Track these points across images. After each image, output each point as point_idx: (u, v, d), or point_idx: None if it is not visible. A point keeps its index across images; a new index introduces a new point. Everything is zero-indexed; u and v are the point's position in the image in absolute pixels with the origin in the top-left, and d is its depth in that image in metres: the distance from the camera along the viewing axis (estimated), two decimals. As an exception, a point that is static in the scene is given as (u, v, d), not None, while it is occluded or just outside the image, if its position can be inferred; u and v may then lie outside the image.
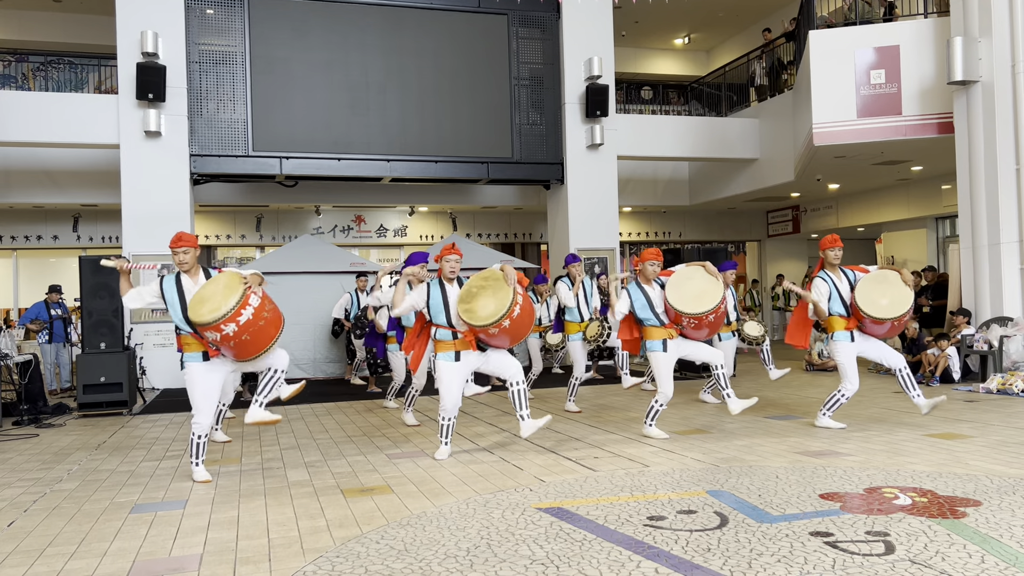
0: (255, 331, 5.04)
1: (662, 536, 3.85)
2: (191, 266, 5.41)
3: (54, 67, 14.71)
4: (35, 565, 3.74)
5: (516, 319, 5.63)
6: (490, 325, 5.59)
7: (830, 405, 6.75)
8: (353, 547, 3.85)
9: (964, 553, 3.48)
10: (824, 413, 6.79)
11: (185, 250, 5.36)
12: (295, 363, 12.33)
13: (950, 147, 10.89)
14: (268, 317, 5.13)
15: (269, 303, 5.21)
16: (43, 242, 16.02)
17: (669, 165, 17.46)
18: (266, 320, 5.11)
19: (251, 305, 5.03)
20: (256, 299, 5.08)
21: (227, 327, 4.95)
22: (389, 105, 12.97)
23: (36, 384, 8.97)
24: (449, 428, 5.97)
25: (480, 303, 5.70)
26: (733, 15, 18.07)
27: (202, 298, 5.10)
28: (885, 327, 6.48)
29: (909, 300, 6.39)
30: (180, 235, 5.40)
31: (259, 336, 5.09)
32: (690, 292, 6.29)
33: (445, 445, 6.00)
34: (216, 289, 5.14)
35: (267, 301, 5.20)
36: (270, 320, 5.15)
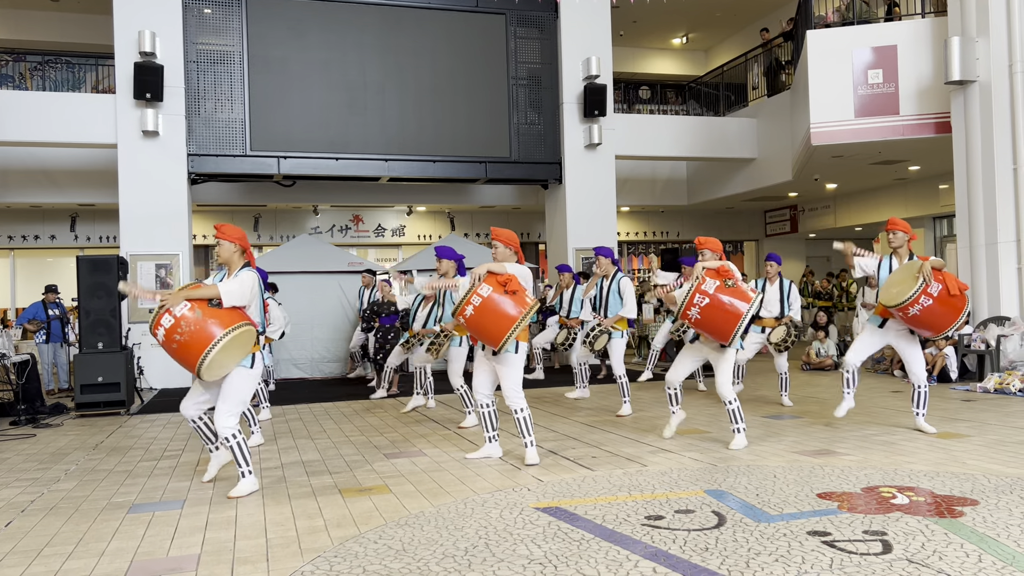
0: (172, 349, 4.72)
1: (660, 535, 3.85)
2: (226, 261, 5.09)
3: (52, 67, 14.69)
4: (33, 565, 3.74)
5: (470, 319, 5.35)
6: (453, 314, 5.53)
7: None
8: (351, 547, 3.84)
9: (961, 552, 3.48)
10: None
11: (219, 242, 5.10)
12: (293, 363, 12.34)
13: (947, 147, 10.91)
14: (182, 340, 4.65)
15: (189, 324, 4.65)
16: (40, 242, 16.00)
17: (667, 165, 17.48)
18: (179, 343, 4.66)
19: (162, 325, 4.68)
20: (169, 319, 4.67)
21: (155, 338, 4.78)
22: (387, 105, 12.97)
23: (33, 384, 8.96)
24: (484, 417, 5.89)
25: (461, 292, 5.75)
26: (731, 15, 18.09)
27: None
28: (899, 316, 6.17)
29: (911, 289, 6.07)
30: (217, 226, 5.19)
31: (179, 357, 4.73)
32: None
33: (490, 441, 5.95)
34: None
35: (184, 322, 4.66)
36: (185, 343, 4.65)
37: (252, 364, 4.98)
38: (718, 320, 5.74)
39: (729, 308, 5.70)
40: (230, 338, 4.69)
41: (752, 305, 5.71)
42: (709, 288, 5.77)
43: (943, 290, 5.97)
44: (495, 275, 5.41)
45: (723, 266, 5.91)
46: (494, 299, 5.32)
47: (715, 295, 5.74)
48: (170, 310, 4.68)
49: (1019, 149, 9.75)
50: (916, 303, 5.97)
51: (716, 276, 5.84)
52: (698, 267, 5.96)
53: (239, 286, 4.89)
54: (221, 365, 4.75)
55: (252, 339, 4.89)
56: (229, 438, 4.90)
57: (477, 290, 5.34)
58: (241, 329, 4.77)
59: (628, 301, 7.90)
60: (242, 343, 4.81)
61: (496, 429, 5.87)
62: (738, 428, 6.04)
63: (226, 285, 4.85)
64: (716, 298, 5.73)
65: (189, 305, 4.71)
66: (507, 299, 5.33)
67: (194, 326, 4.66)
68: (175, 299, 4.71)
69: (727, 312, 5.71)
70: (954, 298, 6.02)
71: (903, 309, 6.08)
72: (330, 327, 12.51)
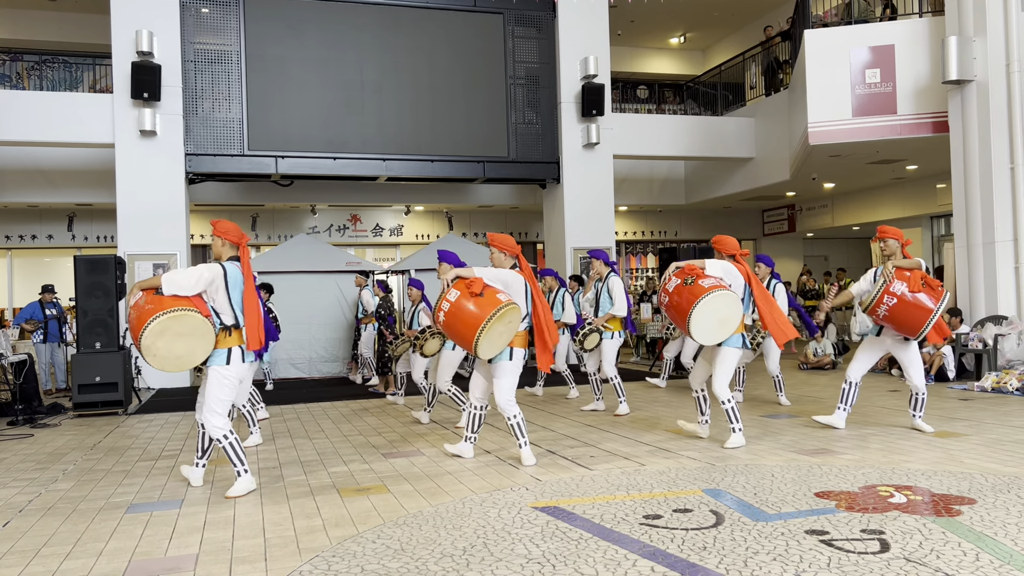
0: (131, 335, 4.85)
1: (658, 535, 3.86)
2: (217, 255, 5.15)
3: (49, 66, 14.67)
4: (31, 565, 3.73)
5: (443, 323, 5.44)
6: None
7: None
8: (349, 546, 3.84)
9: (959, 551, 3.49)
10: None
11: (214, 237, 5.17)
12: (292, 363, 12.33)
13: (945, 146, 10.92)
14: (130, 326, 4.85)
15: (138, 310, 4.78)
16: (38, 241, 15.98)
17: (665, 164, 17.49)
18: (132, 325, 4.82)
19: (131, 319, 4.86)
20: (132, 312, 4.86)
21: None
22: (385, 104, 12.97)
23: (31, 384, 8.95)
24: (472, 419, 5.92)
25: None
26: (728, 14, 18.10)
27: None
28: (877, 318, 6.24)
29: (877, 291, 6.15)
30: (212, 222, 5.23)
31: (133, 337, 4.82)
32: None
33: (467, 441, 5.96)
34: None
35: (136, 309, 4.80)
36: (131, 329, 4.82)
37: (228, 361, 4.95)
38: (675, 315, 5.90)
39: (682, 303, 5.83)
40: (162, 320, 4.64)
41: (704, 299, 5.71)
42: (670, 287, 5.94)
43: (906, 288, 6.05)
44: (463, 280, 5.45)
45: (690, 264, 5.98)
46: (461, 304, 5.35)
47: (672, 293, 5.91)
48: (129, 300, 4.91)
49: (1016, 148, 9.77)
50: (880, 304, 6.10)
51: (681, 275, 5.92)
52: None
53: (185, 274, 4.88)
54: (171, 352, 4.73)
55: (200, 326, 4.76)
56: (220, 439, 4.92)
57: (446, 296, 5.41)
58: (175, 313, 4.68)
59: (617, 299, 7.88)
60: (188, 329, 4.73)
61: (476, 433, 5.87)
62: (734, 428, 6.02)
63: (170, 274, 4.88)
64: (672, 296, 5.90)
65: (141, 295, 4.86)
66: (473, 302, 5.33)
67: (138, 312, 4.77)
68: (132, 291, 4.91)
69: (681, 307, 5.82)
70: (925, 291, 6.07)
71: (873, 311, 6.18)
72: (328, 327, 12.50)
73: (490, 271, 5.55)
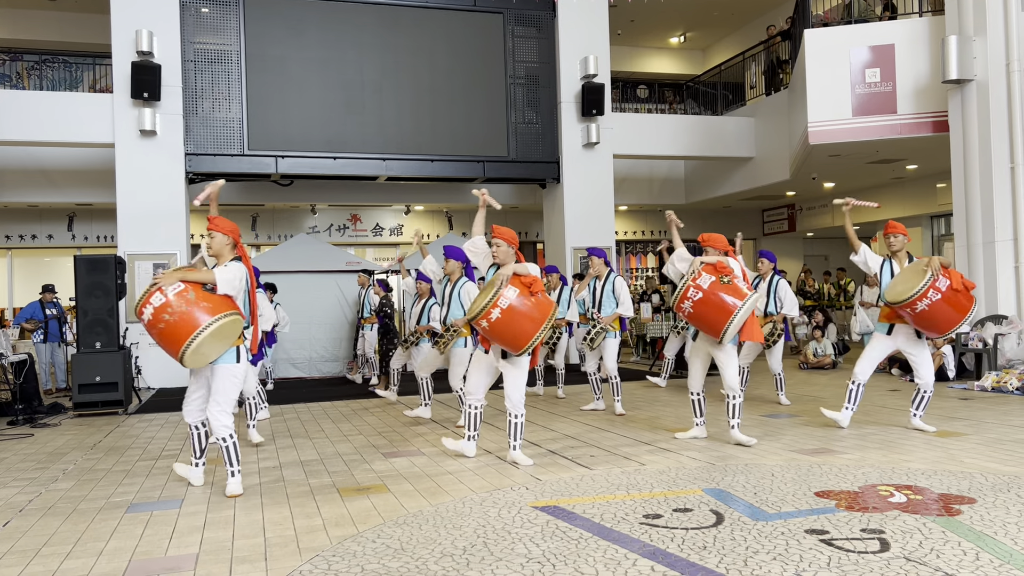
0: (156, 332, 4.63)
1: (658, 534, 3.86)
2: (216, 253, 5.01)
3: (49, 66, 14.67)
4: (31, 565, 3.73)
5: (495, 323, 5.19)
6: (470, 321, 5.38)
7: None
8: (349, 546, 3.84)
9: (959, 550, 3.49)
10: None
11: (211, 233, 5.01)
12: (291, 363, 12.33)
13: (945, 146, 10.92)
14: (170, 321, 4.55)
15: (183, 304, 4.59)
16: (38, 241, 15.98)
17: (665, 164, 17.49)
18: (167, 324, 4.55)
19: (151, 304, 4.57)
20: (160, 298, 4.59)
21: (141, 318, 4.65)
22: (385, 104, 12.96)
23: (31, 384, 8.95)
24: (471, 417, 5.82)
25: (481, 295, 5.45)
26: (728, 14, 18.10)
27: None
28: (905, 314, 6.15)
29: (917, 286, 6.00)
30: (210, 218, 5.08)
31: (162, 337, 4.63)
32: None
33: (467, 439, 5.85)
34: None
35: (178, 300, 4.59)
36: (172, 324, 4.55)
37: (238, 359, 4.94)
38: (711, 316, 5.74)
39: (722, 304, 5.68)
40: (218, 325, 4.61)
41: (746, 302, 5.67)
42: (704, 283, 5.74)
43: (950, 286, 5.98)
44: (520, 277, 5.30)
45: (721, 262, 5.87)
46: (522, 303, 5.20)
47: (709, 290, 5.71)
48: (162, 288, 4.61)
49: (1016, 148, 9.76)
50: (924, 297, 5.94)
51: (713, 272, 5.81)
52: (696, 261, 5.94)
53: (232, 275, 4.85)
54: (205, 354, 4.70)
55: (238, 330, 4.84)
56: (226, 437, 4.91)
57: (504, 292, 5.21)
58: (230, 318, 4.70)
59: (623, 300, 7.93)
60: (228, 332, 4.75)
61: (477, 430, 5.81)
62: (733, 423, 6.07)
63: (221, 272, 4.82)
64: (709, 294, 5.71)
65: (182, 286, 4.66)
66: (533, 303, 5.22)
67: (184, 307, 4.57)
68: (169, 278, 4.66)
69: (720, 308, 5.69)
70: (959, 294, 6.01)
71: (911, 304, 6.00)
72: (328, 327, 12.50)
73: (533, 267, 5.46)
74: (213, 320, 4.60)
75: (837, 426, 6.74)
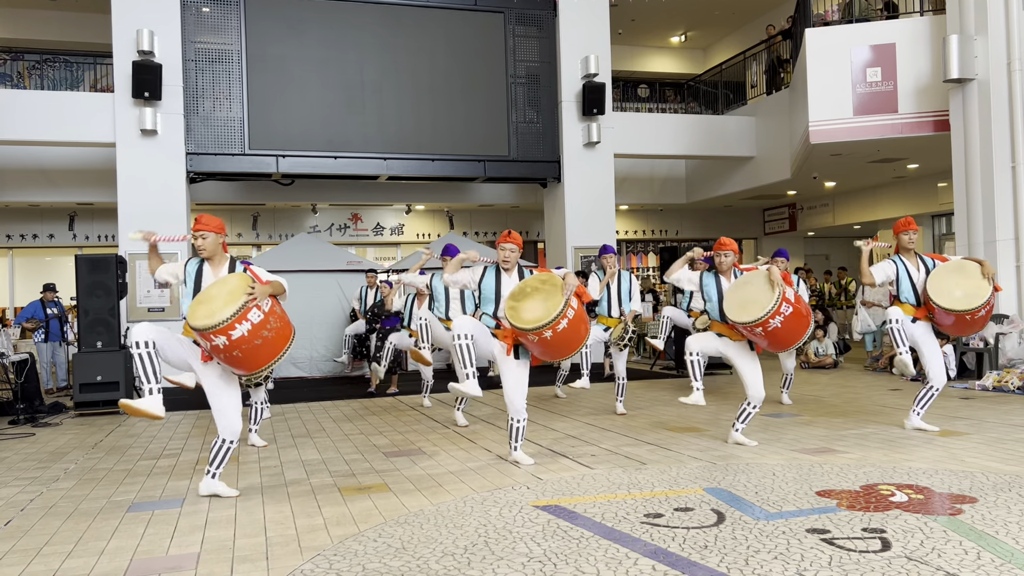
0: (248, 349, 4.44)
1: (659, 533, 3.86)
2: (211, 253, 4.86)
3: (50, 65, 14.67)
4: (32, 564, 3.74)
5: (560, 333, 5.11)
6: (530, 331, 5.09)
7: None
8: (351, 545, 3.85)
9: (960, 550, 3.49)
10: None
11: (203, 234, 4.80)
12: (292, 362, 12.32)
13: (946, 145, 10.92)
14: (268, 337, 4.49)
15: (276, 319, 4.57)
16: (39, 241, 15.99)
17: (666, 163, 17.48)
18: (264, 340, 4.47)
19: (249, 320, 4.41)
20: (258, 314, 4.46)
21: (217, 339, 4.39)
22: (386, 103, 12.96)
23: (32, 383, 8.96)
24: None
25: (528, 304, 5.23)
26: (729, 13, 18.09)
27: (206, 297, 4.57)
28: (951, 319, 6.01)
29: (985, 294, 5.86)
30: (199, 217, 4.89)
31: (253, 355, 4.49)
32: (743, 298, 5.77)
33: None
34: (222, 292, 4.56)
35: (273, 317, 4.55)
36: (270, 340, 4.51)
37: None
38: (794, 329, 5.49)
39: (803, 315, 5.48)
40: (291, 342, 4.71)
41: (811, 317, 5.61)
42: (791, 295, 5.46)
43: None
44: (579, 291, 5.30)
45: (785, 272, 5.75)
46: (581, 312, 5.23)
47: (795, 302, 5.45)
48: (260, 305, 4.49)
49: (1017, 147, 9.76)
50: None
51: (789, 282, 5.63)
52: (774, 270, 5.54)
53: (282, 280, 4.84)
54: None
55: None
56: (234, 441, 4.78)
57: (571, 302, 5.16)
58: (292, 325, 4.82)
59: (636, 297, 7.89)
60: None
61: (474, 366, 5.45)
62: (739, 427, 6.04)
63: (278, 279, 4.76)
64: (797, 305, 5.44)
65: (270, 300, 4.62)
66: (580, 308, 5.23)
67: (280, 321, 4.57)
68: (263, 293, 4.52)
69: (803, 320, 5.46)
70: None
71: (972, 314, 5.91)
72: (329, 326, 12.50)
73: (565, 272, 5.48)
74: (293, 331, 4.74)
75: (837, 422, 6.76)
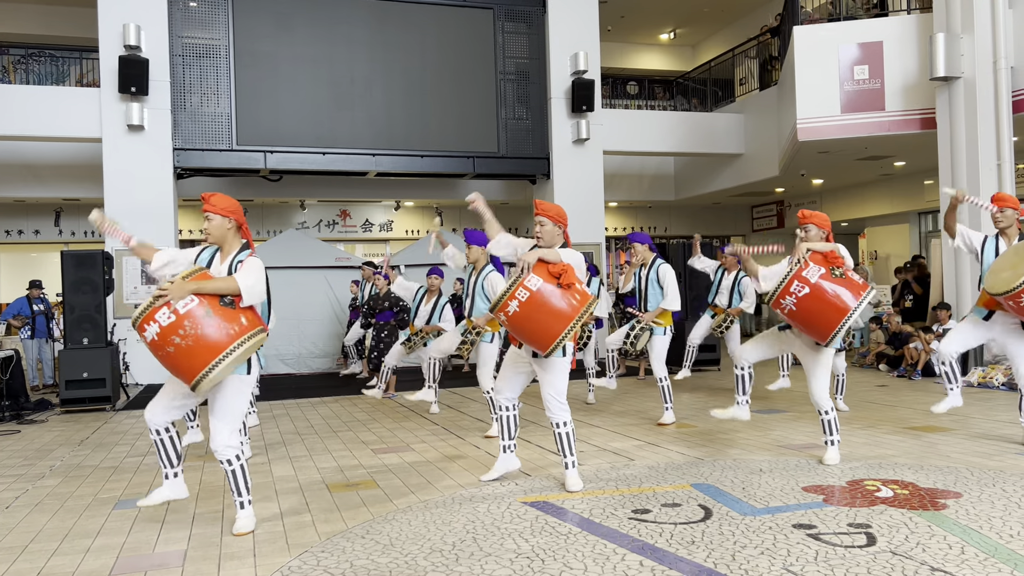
0: (163, 356, 3.76)
1: (647, 529, 3.87)
2: (218, 240, 4.10)
3: (35, 60, 14.53)
4: (17, 562, 3.72)
5: (512, 316, 4.43)
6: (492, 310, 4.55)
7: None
8: (338, 542, 3.84)
9: (944, 544, 3.52)
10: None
11: (208, 215, 4.05)
12: (280, 359, 12.29)
13: (932, 143, 10.98)
14: (182, 345, 3.67)
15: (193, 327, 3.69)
16: (24, 236, 15.86)
17: (655, 160, 17.51)
18: (178, 348, 3.68)
19: (157, 322, 3.69)
20: (167, 316, 3.68)
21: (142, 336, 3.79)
22: (374, 99, 12.92)
23: (18, 380, 8.90)
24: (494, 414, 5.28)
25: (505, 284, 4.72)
26: (718, 10, 18.12)
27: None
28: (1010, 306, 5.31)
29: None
30: (204, 196, 4.16)
31: (173, 364, 3.78)
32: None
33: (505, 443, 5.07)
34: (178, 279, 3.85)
35: (189, 323, 3.68)
36: (185, 349, 3.68)
37: (248, 370, 4.05)
38: (818, 314, 4.82)
39: (834, 301, 4.77)
40: (243, 350, 3.77)
41: (864, 300, 4.80)
42: (812, 275, 4.84)
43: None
44: (546, 264, 4.49)
45: (833, 251, 4.95)
46: (545, 293, 4.38)
47: (818, 284, 4.80)
48: (170, 303, 3.69)
49: (1003, 145, 9.83)
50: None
51: (823, 262, 4.90)
52: (802, 247, 5.00)
53: (256, 279, 3.92)
54: (221, 377, 3.83)
55: (260, 346, 3.97)
56: (232, 460, 3.98)
57: (524, 282, 4.41)
58: (256, 338, 3.86)
59: (670, 291, 6.90)
60: (251, 352, 3.89)
61: (514, 438, 4.99)
62: (831, 440, 5.19)
63: (244, 278, 3.87)
64: (819, 288, 4.79)
65: (196, 301, 3.73)
66: (561, 294, 4.40)
67: (201, 329, 3.69)
68: (179, 291, 3.71)
69: (832, 306, 4.77)
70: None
71: (1015, 296, 5.17)
72: (317, 322, 12.47)
73: (572, 255, 4.63)
74: (238, 344, 3.75)
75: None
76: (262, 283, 3.97)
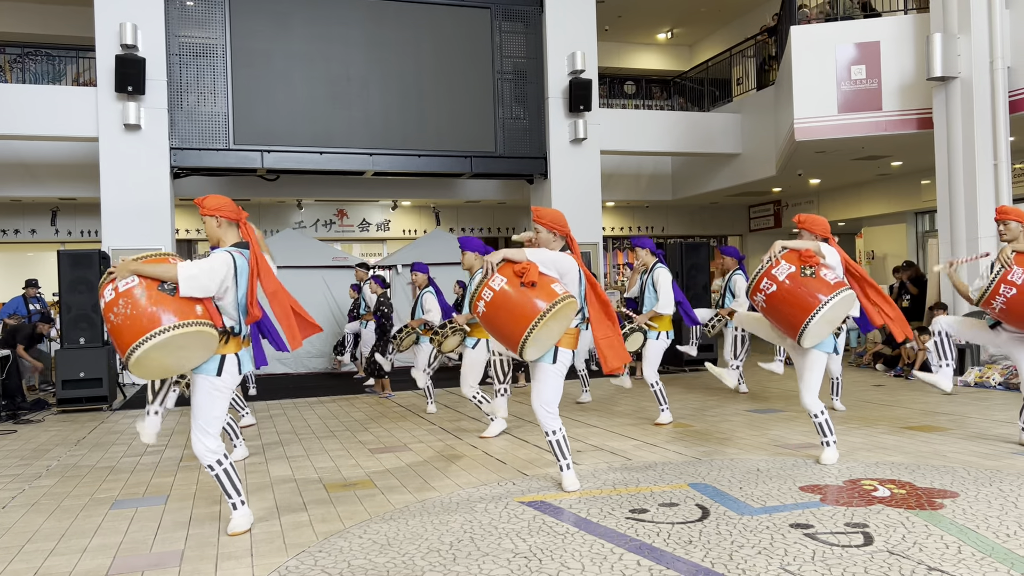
0: (110, 327, 3.85)
1: (644, 529, 3.87)
2: (214, 241, 4.18)
3: (32, 59, 14.51)
4: (14, 562, 3.71)
5: (482, 316, 4.51)
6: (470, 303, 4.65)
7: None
8: (336, 542, 3.84)
9: (941, 544, 3.52)
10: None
11: (204, 219, 4.17)
12: (277, 359, 12.26)
13: (929, 143, 11.00)
14: (115, 322, 3.78)
15: (128, 306, 3.76)
16: (21, 236, 15.83)
17: (652, 160, 17.51)
18: (112, 325, 3.81)
19: (104, 297, 3.84)
20: (110, 292, 3.82)
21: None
22: (371, 99, 12.91)
23: (14, 380, 8.88)
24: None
25: None
26: (716, 10, 18.13)
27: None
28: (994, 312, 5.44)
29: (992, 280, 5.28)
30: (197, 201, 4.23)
31: (113, 338, 3.87)
32: None
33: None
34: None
35: (124, 301, 3.76)
36: (117, 326, 3.77)
37: (219, 371, 3.97)
38: (786, 311, 4.93)
39: (800, 300, 4.85)
40: (168, 337, 3.70)
41: (831, 299, 4.81)
42: (780, 273, 4.93)
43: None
44: (512, 263, 4.49)
45: (808, 249, 4.99)
46: (508, 293, 4.39)
47: (784, 282, 4.90)
48: (115, 281, 3.82)
49: (999, 145, 9.84)
50: (996, 294, 5.23)
51: (796, 260, 4.96)
52: (776, 246, 5.10)
53: (205, 271, 3.89)
54: (161, 365, 3.85)
55: (209, 341, 3.88)
56: (213, 465, 3.96)
57: (489, 282, 4.47)
58: (195, 329, 3.77)
59: (662, 294, 6.85)
60: (194, 344, 3.82)
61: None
62: (826, 441, 5.20)
63: (186, 268, 3.85)
64: (784, 286, 4.89)
65: (135, 282, 3.79)
66: (524, 293, 4.37)
67: (132, 309, 3.74)
68: (123, 270, 3.81)
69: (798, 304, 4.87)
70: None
71: (986, 303, 5.37)
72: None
73: (543, 254, 4.62)
74: (161, 330, 3.70)
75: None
76: (211, 277, 3.91)
